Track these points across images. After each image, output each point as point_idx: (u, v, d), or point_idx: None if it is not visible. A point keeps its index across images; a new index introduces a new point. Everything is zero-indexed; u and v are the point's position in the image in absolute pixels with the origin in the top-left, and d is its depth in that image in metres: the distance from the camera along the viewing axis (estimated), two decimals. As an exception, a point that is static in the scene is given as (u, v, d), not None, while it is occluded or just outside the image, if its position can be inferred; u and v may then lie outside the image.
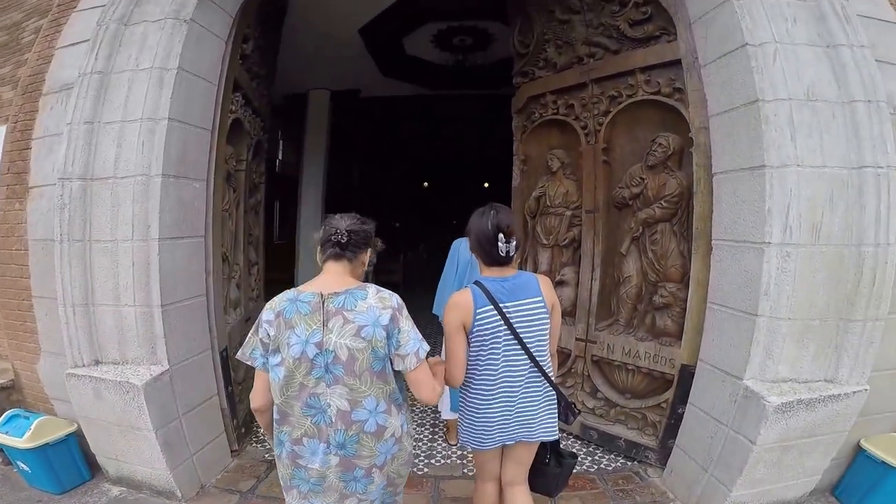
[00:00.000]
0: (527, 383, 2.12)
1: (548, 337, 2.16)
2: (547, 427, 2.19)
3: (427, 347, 1.85)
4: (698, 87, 3.08)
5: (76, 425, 3.17)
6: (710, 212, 3.01)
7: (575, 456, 2.44)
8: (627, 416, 3.68)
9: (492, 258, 2.11)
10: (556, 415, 2.21)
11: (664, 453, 3.34)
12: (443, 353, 2.22)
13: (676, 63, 3.24)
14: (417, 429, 4.13)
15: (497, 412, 2.11)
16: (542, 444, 2.31)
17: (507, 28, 5.53)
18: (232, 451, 3.58)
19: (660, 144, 3.39)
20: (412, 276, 12.14)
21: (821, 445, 2.70)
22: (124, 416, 2.86)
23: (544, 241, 4.23)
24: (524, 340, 2.08)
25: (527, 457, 2.28)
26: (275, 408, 1.84)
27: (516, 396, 2.11)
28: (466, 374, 2.12)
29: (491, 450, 2.21)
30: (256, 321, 1.84)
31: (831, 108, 2.59)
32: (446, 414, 3.78)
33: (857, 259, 2.58)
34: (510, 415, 2.12)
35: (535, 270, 4.30)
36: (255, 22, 3.98)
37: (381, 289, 1.84)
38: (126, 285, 2.91)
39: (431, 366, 1.95)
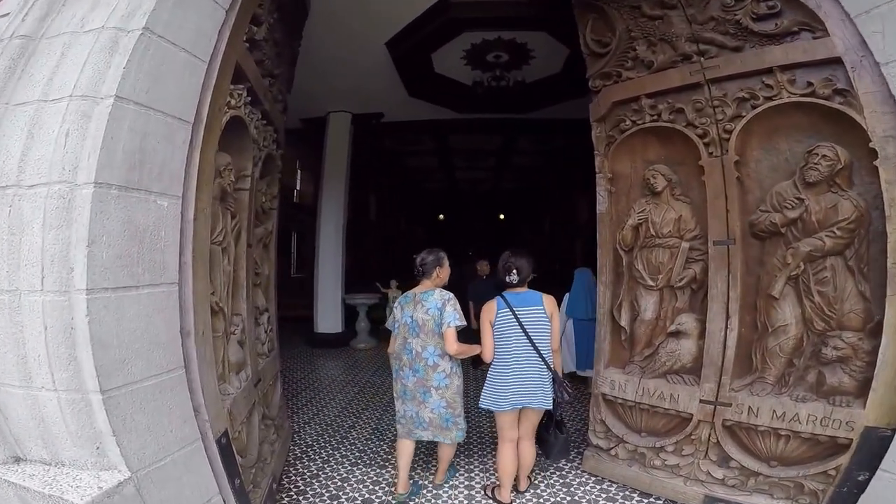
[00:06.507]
0: (528, 363, 3.12)
1: (549, 334, 3.18)
2: (545, 398, 3.15)
3: (459, 323, 3.14)
4: (876, 89, 2.47)
5: None
6: (912, 242, 2.26)
7: (568, 431, 3.41)
8: (773, 486, 2.95)
9: (504, 284, 3.25)
10: (551, 391, 3.16)
11: (828, 523, 2.60)
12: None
13: (831, 61, 2.64)
14: None
15: (509, 381, 3.12)
16: (549, 420, 3.35)
17: (551, 41, 4.89)
18: (250, 555, 2.60)
19: (824, 156, 2.66)
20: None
21: None
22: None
23: (649, 283, 3.44)
24: (529, 333, 3.12)
25: (533, 418, 3.28)
26: (395, 351, 3.39)
27: (523, 371, 3.12)
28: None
29: (508, 413, 3.17)
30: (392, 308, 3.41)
31: None
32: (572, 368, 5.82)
33: None
34: (518, 384, 3.12)
35: (634, 318, 3.58)
36: (270, 5, 3.15)
37: (443, 290, 3.32)
38: (39, 360, 1.81)
39: (470, 346, 3.28)
